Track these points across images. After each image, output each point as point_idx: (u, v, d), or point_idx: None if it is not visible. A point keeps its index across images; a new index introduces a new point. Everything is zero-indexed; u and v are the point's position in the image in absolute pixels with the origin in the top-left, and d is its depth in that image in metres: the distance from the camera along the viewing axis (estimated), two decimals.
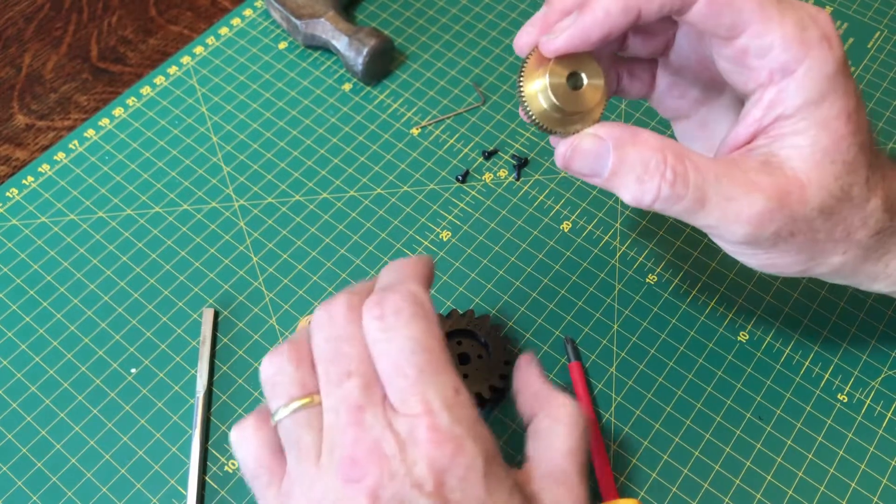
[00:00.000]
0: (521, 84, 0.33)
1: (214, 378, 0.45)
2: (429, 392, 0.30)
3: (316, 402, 0.31)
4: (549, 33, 0.32)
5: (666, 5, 0.31)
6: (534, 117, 0.33)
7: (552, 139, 0.35)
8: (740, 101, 0.35)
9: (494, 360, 0.43)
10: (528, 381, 0.37)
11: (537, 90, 0.33)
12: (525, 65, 0.33)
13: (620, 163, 0.31)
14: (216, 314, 0.47)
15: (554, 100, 0.32)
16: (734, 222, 0.31)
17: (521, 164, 0.52)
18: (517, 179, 0.52)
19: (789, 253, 0.33)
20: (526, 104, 0.33)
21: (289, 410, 0.31)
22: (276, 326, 0.46)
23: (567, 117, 0.33)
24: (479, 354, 0.43)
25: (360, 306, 0.32)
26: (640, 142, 0.31)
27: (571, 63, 0.33)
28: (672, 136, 0.37)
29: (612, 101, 0.55)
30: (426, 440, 0.29)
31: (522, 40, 0.34)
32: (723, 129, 0.37)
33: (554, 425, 0.35)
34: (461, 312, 0.45)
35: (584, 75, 0.33)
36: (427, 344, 0.30)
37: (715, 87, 0.38)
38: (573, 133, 0.33)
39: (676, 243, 0.49)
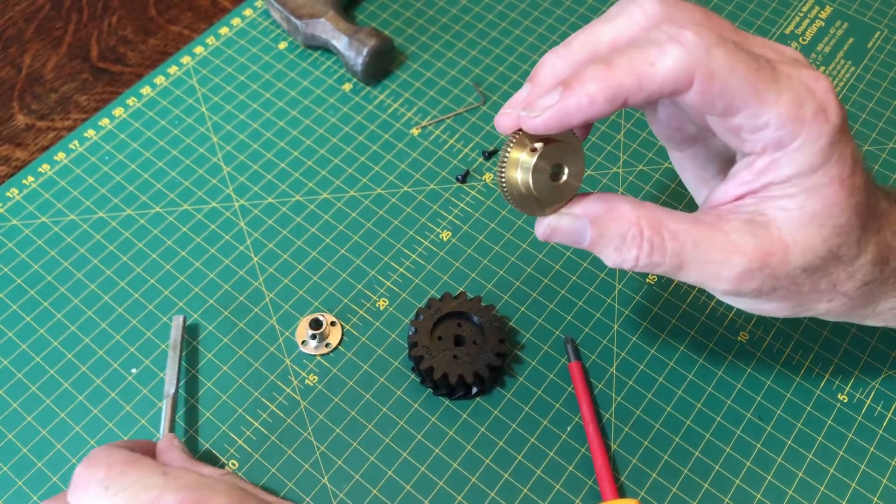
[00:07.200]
0: (503, 169, 0.33)
1: (212, 379, 0.45)
2: None
3: None
4: (529, 109, 0.31)
5: (655, 95, 0.30)
6: (511, 201, 0.34)
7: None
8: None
9: (489, 338, 0.44)
10: None
11: (517, 178, 0.33)
12: (509, 148, 0.33)
13: (599, 237, 0.33)
14: (184, 320, 0.45)
15: (534, 192, 0.33)
16: (713, 281, 0.33)
17: None
18: None
19: (773, 302, 0.34)
20: (505, 188, 0.33)
21: None
22: (277, 326, 0.46)
23: (544, 204, 0.34)
24: (474, 340, 0.44)
25: None
26: (616, 216, 0.33)
27: (555, 153, 0.33)
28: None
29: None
30: None
31: (502, 122, 0.33)
32: (713, 168, 0.37)
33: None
34: (453, 295, 0.46)
35: (566, 168, 0.33)
36: None
37: (708, 131, 0.37)
38: (548, 214, 0.34)
39: None
